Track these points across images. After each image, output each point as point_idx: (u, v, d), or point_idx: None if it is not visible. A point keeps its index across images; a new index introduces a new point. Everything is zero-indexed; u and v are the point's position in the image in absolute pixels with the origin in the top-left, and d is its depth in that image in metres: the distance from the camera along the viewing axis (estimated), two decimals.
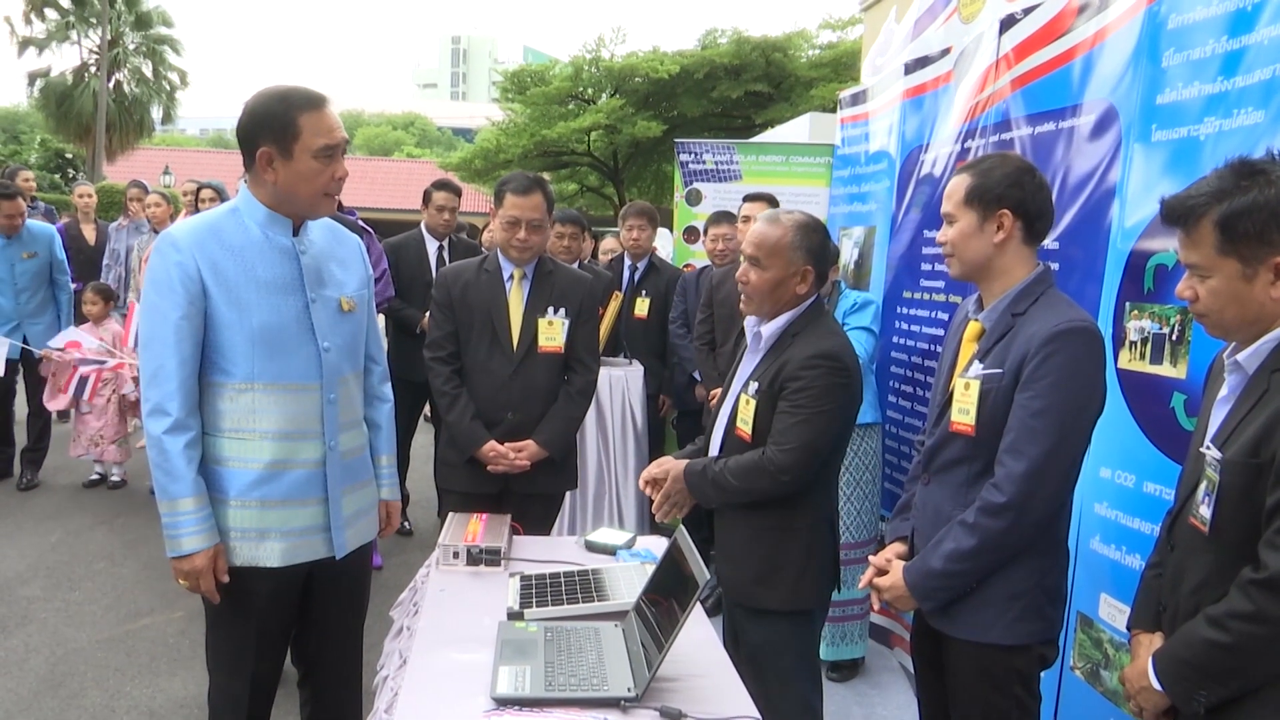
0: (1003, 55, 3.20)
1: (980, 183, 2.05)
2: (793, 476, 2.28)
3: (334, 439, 2.22)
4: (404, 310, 5.00)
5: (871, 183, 4.39)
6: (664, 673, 1.82)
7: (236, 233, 2.13)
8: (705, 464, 2.42)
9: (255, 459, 2.13)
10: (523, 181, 3.07)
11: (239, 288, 2.08)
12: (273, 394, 2.12)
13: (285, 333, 2.13)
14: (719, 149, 5.61)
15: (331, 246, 2.30)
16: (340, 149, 2.14)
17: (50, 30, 28.66)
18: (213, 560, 2.10)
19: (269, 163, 2.08)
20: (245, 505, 2.14)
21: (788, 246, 2.36)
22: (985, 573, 2.00)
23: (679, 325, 4.83)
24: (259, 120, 2.08)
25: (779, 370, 2.33)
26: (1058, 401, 1.90)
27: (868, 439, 3.60)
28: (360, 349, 2.37)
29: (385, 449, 2.53)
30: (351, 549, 2.32)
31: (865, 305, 3.57)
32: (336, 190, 2.18)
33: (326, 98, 2.18)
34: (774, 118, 15.79)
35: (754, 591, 2.41)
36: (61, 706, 3.25)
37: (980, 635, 2.02)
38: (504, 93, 22.09)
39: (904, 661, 3.73)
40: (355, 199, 20.24)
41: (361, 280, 2.36)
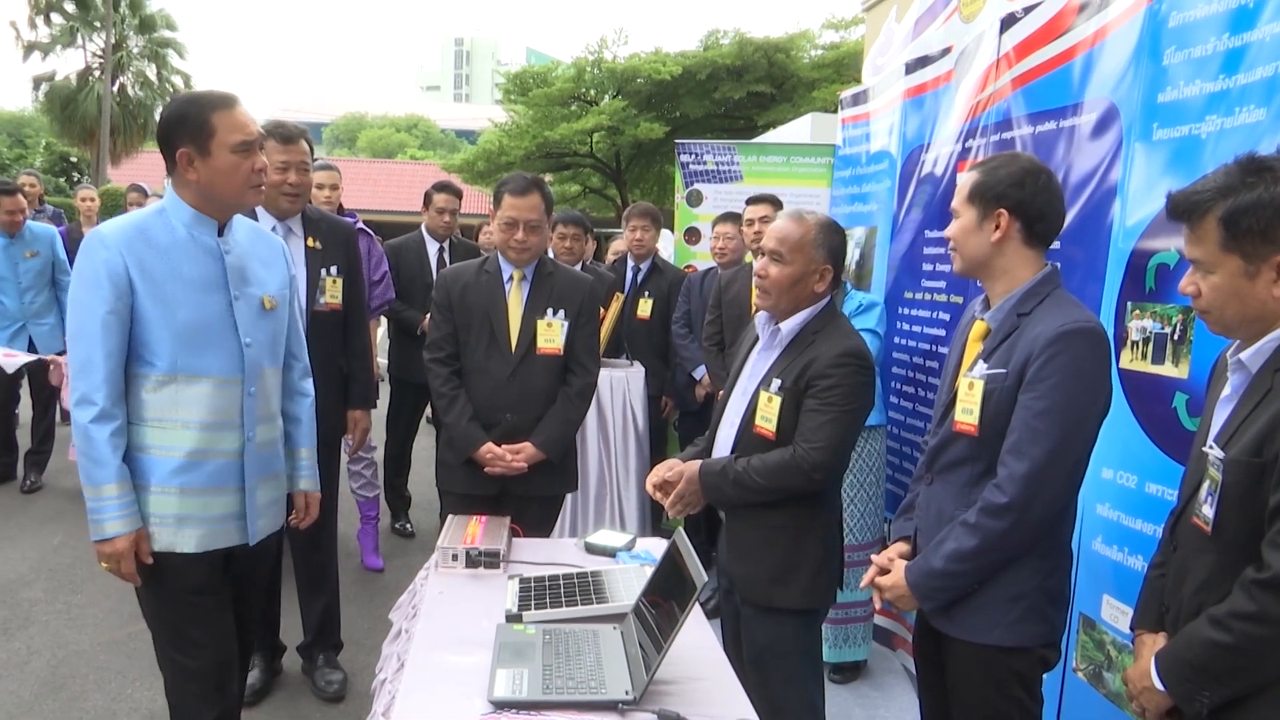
0: (1003, 54, 3.19)
1: (984, 180, 2.05)
2: (824, 475, 2.30)
3: (252, 430, 2.32)
4: (405, 312, 5.00)
5: (873, 183, 4.38)
6: (662, 675, 1.81)
7: (163, 232, 2.21)
8: (725, 463, 2.40)
9: (177, 447, 2.22)
10: (520, 182, 3.06)
11: (164, 285, 2.17)
12: (195, 386, 2.22)
13: (209, 328, 2.23)
14: (720, 150, 5.60)
15: (255, 247, 2.40)
16: (256, 144, 2.23)
17: (55, 34, 28.73)
18: (134, 544, 2.18)
19: (189, 163, 2.18)
20: (165, 492, 2.22)
21: (810, 244, 2.37)
22: (986, 574, 1.99)
23: (681, 326, 4.83)
24: (175, 123, 2.19)
25: (805, 368, 2.32)
26: (1061, 402, 1.89)
27: (871, 441, 3.58)
28: (281, 346, 2.47)
29: (305, 442, 2.62)
30: (263, 536, 2.41)
31: (870, 307, 3.56)
32: (259, 182, 2.26)
33: (237, 97, 2.29)
34: (776, 118, 15.76)
35: (769, 590, 2.40)
36: (63, 709, 3.25)
37: (981, 636, 2.01)
38: (506, 94, 22.07)
39: (907, 663, 3.72)
40: (359, 201, 20.30)
41: (283, 280, 2.46)
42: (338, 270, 3.31)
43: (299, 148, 3.17)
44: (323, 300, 3.27)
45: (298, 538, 3.43)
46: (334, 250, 3.33)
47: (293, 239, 3.25)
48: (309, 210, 3.34)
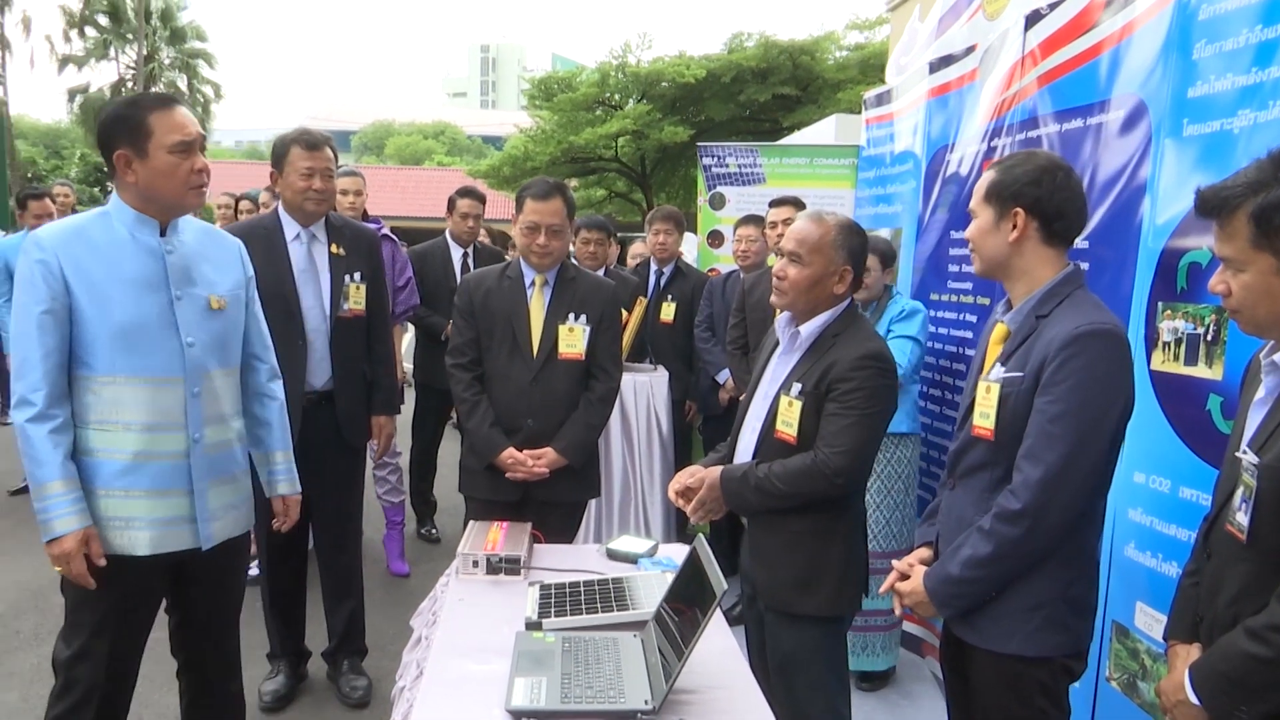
0: (1028, 51, 3.14)
1: (999, 179, 2.01)
2: (846, 479, 2.27)
3: (198, 432, 2.29)
4: (429, 317, 5.01)
5: (897, 184, 4.33)
6: (683, 684, 1.79)
7: (103, 234, 2.21)
8: (746, 469, 2.38)
9: (120, 450, 2.20)
10: (542, 187, 3.05)
11: (101, 284, 2.16)
12: (134, 387, 2.20)
13: (147, 328, 2.20)
14: (742, 152, 5.58)
15: (205, 248, 2.38)
16: (196, 144, 2.22)
17: (89, 48, 29.22)
18: (82, 543, 2.15)
19: (127, 164, 2.17)
20: (111, 494, 2.20)
21: (830, 245, 2.34)
22: (1003, 581, 1.95)
23: (704, 329, 4.80)
24: (111, 125, 2.18)
25: (825, 371, 2.29)
26: (1076, 406, 1.84)
27: (901, 448, 3.53)
28: (231, 347, 2.43)
29: (279, 445, 2.59)
30: (219, 541, 2.37)
31: (913, 314, 3.49)
32: (199, 182, 2.24)
33: (176, 99, 2.31)
34: (802, 120, 15.68)
35: (792, 597, 2.37)
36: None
37: (1001, 645, 1.97)
38: (531, 100, 22.12)
39: (936, 670, 3.67)
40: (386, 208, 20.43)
41: (236, 281, 2.44)
42: (361, 276, 3.31)
43: (323, 154, 3.18)
44: (346, 306, 3.27)
45: (324, 543, 3.46)
46: (357, 256, 3.33)
47: (317, 245, 3.27)
48: (332, 217, 3.35)
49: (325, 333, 3.24)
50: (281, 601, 3.47)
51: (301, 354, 3.19)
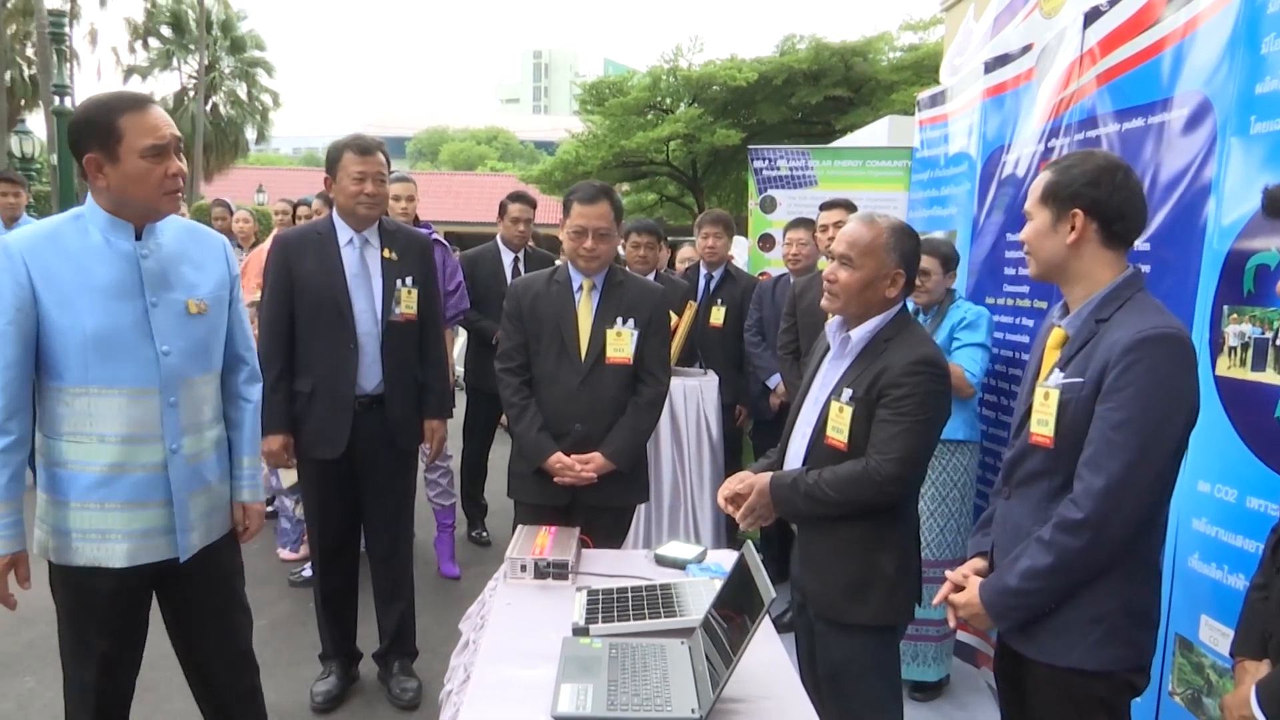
0: (1087, 50, 3.07)
1: (1057, 179, 1.95)
2: (899, 487, 2.23)
3: (176, 442, 2.21)
4: (480, 322, 5.05)
5: (952, 185, 4.27)
6: (730, 693, 1.77)
7: (76, 239, 2.12)
8: (795, 476, 2.34)
9: (94, 462, 2.13)
10: (589, 191, 3.05)
11: (71, 293, 2.08)
12: (108, 398, 2.12)
13: (120, 337, 2.12)
14: (793, 155, 5.53)
15: (186, 248, 2.28)
16: (170, 147, 2.12)
17: (152, 58, 30.04)
18: (9, 566, 2.11)
19: (98, 169, 2.08)
20: (86, 507, 2.15)
21: (882, 247, 2.30)
22: (1063, 593, 1.89)
23: (754, 334, 4.77)
24: (81, 128, 2.08)
25: (877, 377, 2.25)
26: (1139, 413, 1.78)
27: (958, 455, 3.47)
28: (212, 351, 2.34)
29: (247, 450, 2.48)
30: (197, 549, 2.31)
31: (978, 320, 3.42)
32: (174, 187, 2.15)
33: (150, 98, 2.17)
34: (854, 122, 15.54)
35: (843, 606, 2.33)
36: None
37: (1060, 659, 1.91)
38: (583, 105, 22.24)
39: (991, 681, 3.59)
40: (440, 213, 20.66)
41: (220, 281, 2.34)
42: (413, 281, 3.34)
43: (375, 159, 3.21)
44: (398, 310, 3.30)
45: (376, 546, 3.49)
46: (410, 261, 3.36)
47: (369, 250, 3.30)
48: (386, 222, 3.39)
49: (376, 336, 3.27)
50: (333, 603, 3.51)
51: (352, 357, 3.23)
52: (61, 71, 12.30)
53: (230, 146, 30.67)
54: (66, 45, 12.82)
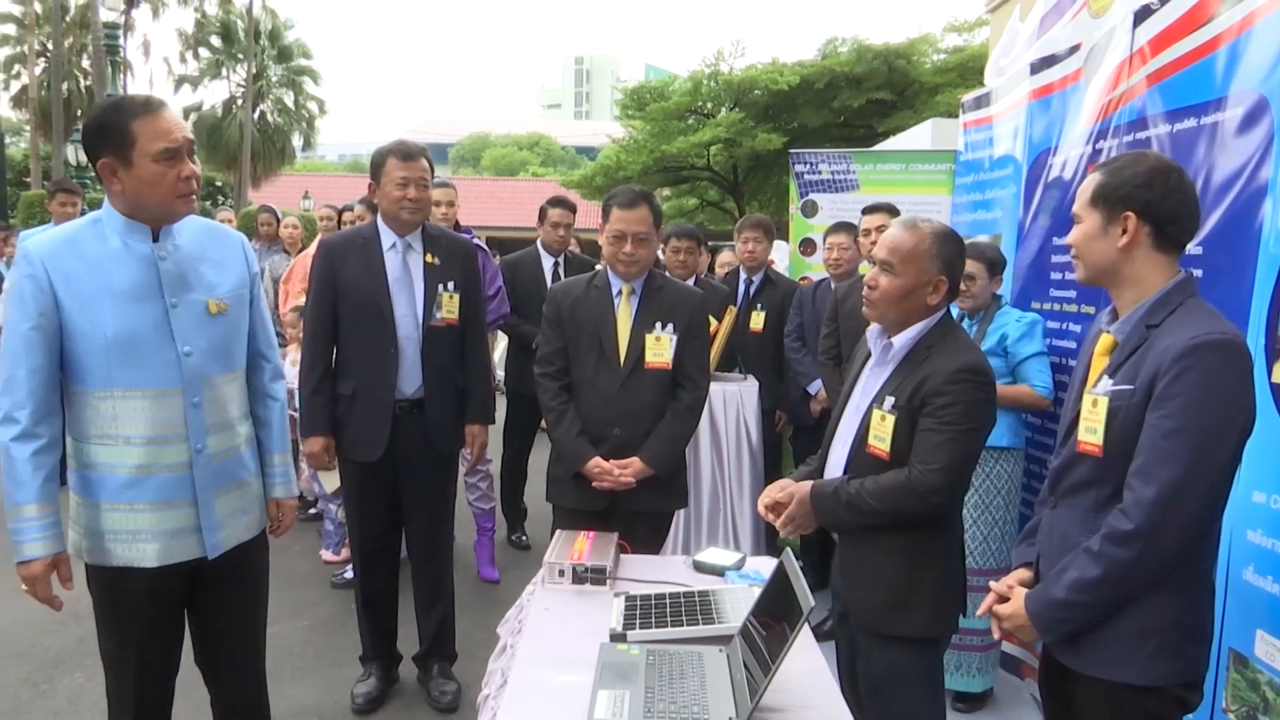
0: (1137, 49, 3.00)
1: (1108, 181, 1.90)
2: (943, 498, 2.18)
3: (200, 442, 2.22)
4: (520, 326, 5.06)
5: (996, 189, 4.20)
6: (768, 702, 1.75)
7: (94, 243, 2.14)
8: (837, 485, 2.30)
9: (122, 463, 2.15)
10: (628, 195, 3.05)
11: (92, 298, 2.09)
12: (131, 400, 2.14)
13: (141, 340, 2.13)
14: (835, 159, 5.49)
15: (204, 248, 2.29)
16: (183, 150, 2.12)
17: (202, 68, 30.66)
18: (50, 568, 2.14)
19: (112, 173, 2.09)
20: (116, 508, 2.17)
21: (924, 254, 2.25)
22: (1112, 605, 1.84)
23: (794, 339, 4.73)
24: (94, 133, 2.10)
25: (919, 384, 2.21)
26: (1192, 421, 1.73)
27: (1001, 462, 3.41)
28: (235, 350, 2.35)
29: (278, 447, 2.50)
30: (227, 548, 2.32)
31: (1033, 327, 3.34)
32: (188, 190, 2.15)
33: (163, 101, 2.17)
34: (897, 125, 15.41)
35: (886, 617, 2.28)
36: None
37: (1109, 673, 1.86)
38: (624, 110, 22.31)
39: (1036, 693, 3.52)
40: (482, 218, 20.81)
41: (240, 280, 2.35)
42: (454, 286, 3.36)
43: (418, 164, 3.23)
44: (439, 315, 3.32)
45: (416, 549, 3.51)
46: (452, 266, 3.38)
47: (412, 255, 3.33)
48: (429, 227, 3.41)
49: (417, 341, 3.29)
50: (373, 605, 3.54)
51: (393, 361, 3.26)
52: (115, 82, 12.60)
53: (277, 153, 31.20)
54: (120, 56, 13.12)
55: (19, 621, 4.20)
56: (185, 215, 2.23)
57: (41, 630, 4.11)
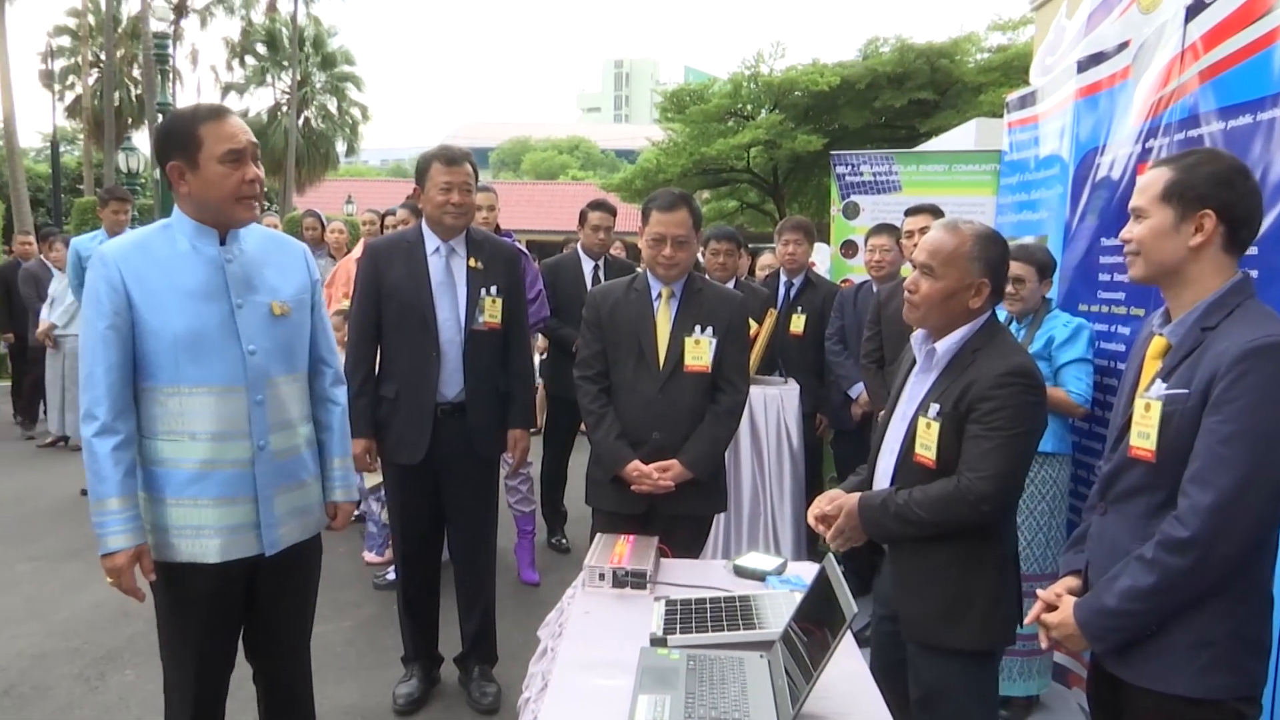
0: (1189, 45, 2.93)
1: (1184, 178, 1.84)
2: (993, 506, 2.13)
3: (263, 439, 2.29)
4: (561, 329, 5.08)
5: (1042, 189, 4.14)
6: (810, 708, 1.73)
7: (164, 246, 2.24)
8: (885, 496, 2.26)
9: (187, 459, 2.22)
10: (667, 198, 3.04)
11: (161, 296, 2.18)
12: (198, 397, 2.21)
13: (207, 338, 2.21)
14: (877, 160, 5.44)
15: (268, 254, 2.38)
16: (247, 153, 2.21)
17: (248, 75, 31.19)
18: (134, 559, 2.19)
19: (180, 176, 2.19)
20: (180, 504, 2.23)
21: (965, 256, 2.21)
22: (1165, 615, 1.79)
23: (835, 342, 4.69)
24: (164, 138, 2.21)
25: (965, 390, 2.17)
26: (1250, 426, 1.68)
27: (1047, 467, 3.34)
28: (297, 352, 2.43)
29: (338, 451, 2.57)
30: (285, 546, 2.38)
31: (1078, 332, 3.28)
32: (250, 193, 2.24)
33: (229, 109, 2.28)
34: (940, 126, 15.24)
35: (938, 629, 2.24)
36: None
37: (1162, 685, 1.81)
38: (664, 113, 22.32)
39: (1083, 702, 3.45)
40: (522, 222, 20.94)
41: (301, 286, 2.43)
42: (498, 290, 3.37)
43: (462, 169, 3.25)
44: (481, 319, 3.33)
45: (458, 552, 3.53)
46: (495, 271, 3.39)
47: (455, 259, 3.34)
48: (474, 231, 3.43)
49: (459, 345, 3.31)
50: (415, 607, 3.56)
51: (435, 365, 3.28)
52: (165, 90, 12.83)
53: (321, 159, 31.66)
54: (170, 65, 13.37)
55: (71, 618, 4.30)
56: (248, 219, 2.32)
57: (94, 627, 4.20)
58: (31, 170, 26.22)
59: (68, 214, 18.38)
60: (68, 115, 30.21)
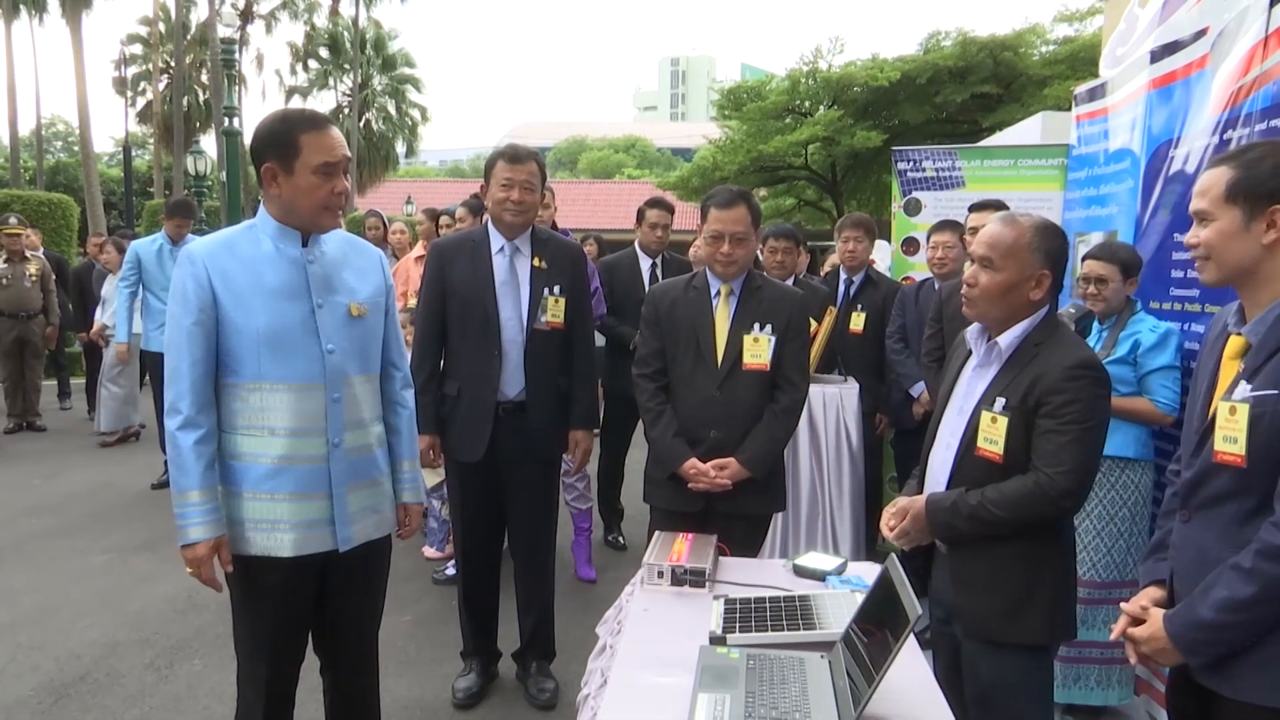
0: (1273, 30, 2.83)
1: (1246, 175, 1.77)
2: (1073, 501, 2.11)
3: (338, 436, 2.34)
4: (618, 327, 5.08)
5: (1112, 183, 4.02)
6: (872, 711, 1.70)
7: (249, 245, 2.30)
8: (955, 499, 2.22)
9: (265, 454, 2.27)
10: (726, 195, 3.02)
11: (246, 294, 2.24)
12: (278, 393, 2.27)
13: (289, 335, 2.27)
14: (940, 155, 5.34)
15: (347, 256, 2.44)
16: (340, 167, 2.26)
17: (311, 79, 31.80)
18: (213, 550, 2.24)
19: (273, 178, 2.24)
20: (257, 498, 2.28)
21: (1025, 248, 2.17)
22: (1267, 626, 1.70)
23: (896, 340, 4.62)
24: (264, 139, 2.25)
25: (1032, 383, 2.13)
26: None
27: (1129, 472, 3.26)
28: (371, 353, 2.47)
29: (407, 454, 2.61)
30: (357, 543, 2.41)
31: (1167, 337, 3.18)
32: (337, 205, 2.29)
33: (329, 119, 2.33)
34: (1003, 120, 14.92)
35: (1000, 625, 2.21)
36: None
37: (1264, 698, 1.72)
38: (720, 110, 22.22)
39: (1153, 711, 3.35)
40: (578, 220, 21.07)
41: (377, 289, 2.48)
42: (560, 290, 3.37)
43: (525, 167, 3.26)
44: (544, 319, 3.34)
45: (518, 549, 3.55)
46: (559, 270, 3.39)
47: (519, 258, 3.35)
48: (539, 230, 3.43)
49: (521, 344, 3.32)
50: (474, 602, 3.59)
51: (496, 364, 3.29)
52: (231, 94, 13.13)
53: (381, 160, 32.18)
54: (236, 70, 13.68)
55: (143, 610, 4.42)
56: (331, 227, 2.38)
57: (163, 618, 4.31)
58: (104, 174, 27.09)
59: (139, 216, 18.92)
60: (139, 120, 31.15)
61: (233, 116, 12.67)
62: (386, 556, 2.63)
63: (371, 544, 2.48)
